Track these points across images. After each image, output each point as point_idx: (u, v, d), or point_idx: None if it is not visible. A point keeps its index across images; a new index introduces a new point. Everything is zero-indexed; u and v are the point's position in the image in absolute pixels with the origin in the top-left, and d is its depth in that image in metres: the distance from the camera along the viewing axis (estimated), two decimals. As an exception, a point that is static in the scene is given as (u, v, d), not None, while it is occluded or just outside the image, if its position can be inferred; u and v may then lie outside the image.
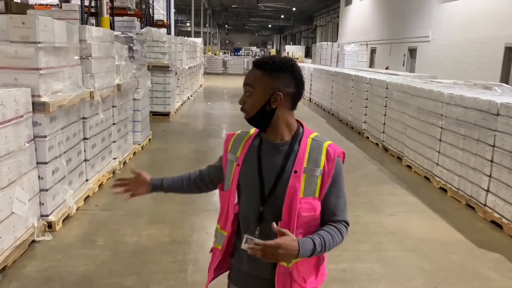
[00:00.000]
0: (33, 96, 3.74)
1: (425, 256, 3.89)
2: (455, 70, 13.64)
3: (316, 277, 1.62)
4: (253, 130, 1.68)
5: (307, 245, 1.46)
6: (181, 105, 12.84)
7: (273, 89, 1.52)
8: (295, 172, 1.52)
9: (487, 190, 4.76)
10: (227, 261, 1.74)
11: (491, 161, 4.71)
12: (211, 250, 1.77)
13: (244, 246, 1.50)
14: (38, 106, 3.78)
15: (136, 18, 12.73)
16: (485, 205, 4.78)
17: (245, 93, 1.57)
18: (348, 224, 1.62)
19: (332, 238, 1.53)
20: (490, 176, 4.73)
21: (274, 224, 1.44)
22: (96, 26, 9.26)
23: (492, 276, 3.57)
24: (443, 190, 5.69)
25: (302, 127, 1.63)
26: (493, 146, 4.68)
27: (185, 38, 15.53)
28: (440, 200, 5.42)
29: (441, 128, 5.80)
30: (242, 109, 1.59)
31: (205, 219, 4.48)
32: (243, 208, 1.63)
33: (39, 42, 3.72)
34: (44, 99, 3.80)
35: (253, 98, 1.55)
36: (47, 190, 3.97)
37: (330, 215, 1.58)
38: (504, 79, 11.66)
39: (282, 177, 1.54)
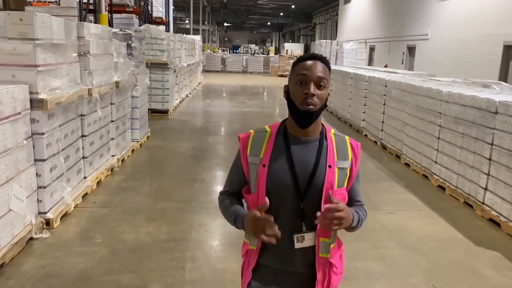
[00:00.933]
0: (31, 93, 3.73)
1: (423, 253, 3.89)
2: (453, 68, 13.65)
3: (341, 264, 1.74)
4: (268, 128, 1.66)
5: (355, 215, 1.60)
6: (180, 102, 12.82)
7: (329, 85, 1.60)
8: (329, 166, 1.58)
9: (485, 188, 4.77)
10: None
11: (489, 159, 4.71)
12: (245, 254, 1.73)
13: (297, 245, 1.57)
14: (36, 103, 3.77)
15: (134, 15, 12.69)
16: (483, 203, 4.79)
17: (317, 85, 1.54)
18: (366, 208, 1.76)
19: (364, 214, 1.69)
20: (488, 174, 4.73)
21: (331, 193, 1.51)
22: (94, 23, 9.23)
23: (489, 274, 3.58)
24: (442, 188, 5.69)
25: (322, 124, 1.67)
26: (492, 144, 4.68)
27: (184, 35, 15.51)
28: (438, 198, 5.42)
29: (440, 126, 5.80)
30: (309, 101, 1.52)
31: (204, 217, 4.48)
32: (275, 208, 1.56)
33: (37, 39, 3.71)
34: (42, 96, 3.79)
35: (325, 90, 1.56)
36: (45, 187, 3.97)
37: (354, 201, 1.71)
38: (503, 77, 11.67)
39: (317, 172, 1.57)
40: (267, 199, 1.49)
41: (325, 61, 1.59)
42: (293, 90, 1.57)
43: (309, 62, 1.56)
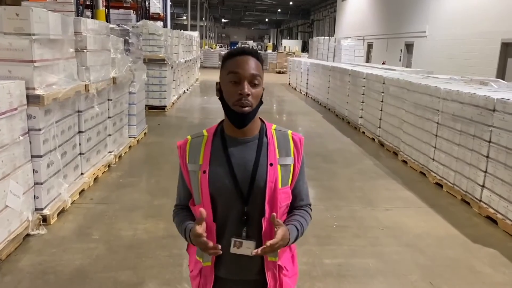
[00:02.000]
0: (27, 88, 3.71)
1: (420, 251, 3.90)
2: (451, 66, 13.65)
3: (293, 265, 1.67)
4: (205, 132, 1.58)
5: (293, 232, 1.52)
6: (177, 99, 12.80)
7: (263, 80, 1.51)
8: (271, 164, 1.50)
9: (483, 186, 4.78)
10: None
11: (487, 156, 4.71)
12: (198, 274, 1.63)
13: (233, 250, 1.47)
14: (32, 99, 3.75)
15: (132, 11, 12.66)
16: (480, 200, 4.80)
17: (250, 83, 1.45)
18: (311, 207, 1.68)
19: (306, 222, 1.61)
20: (485, 171, 4.74)
21: (275, 215, 1.44)
22: (91, 18, 9.17)
23: (486, 271, 3.58)
24: (439, 185, 5.70)
25: (262, 119, 1.60)
26: (489, 141, 4.69)
27: (182, 31, 15.44)
28: (436, 195, 5.43)
29: (437, 123, 5.80)
30: (244, 102, 1.43)
31: (201, 213, 4.46)
32: (223, 214, 1.53)
33: (34, 34, 3.68)
34: (38, 91, 3.77)
35: (259, 88, 1.48)
36: (41, 183, 3.95)
37: (298, 201, 1.63)
38: (500, 74, 11.68)
39: (258, 172, 1.50)
40: (202, 210, 1.42)
41: (257, 56, 1.49)
42: (226, 90, 1.48)
43: (240, 58, 1.46)
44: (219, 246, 1.41)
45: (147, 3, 15.10)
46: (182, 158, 1.57)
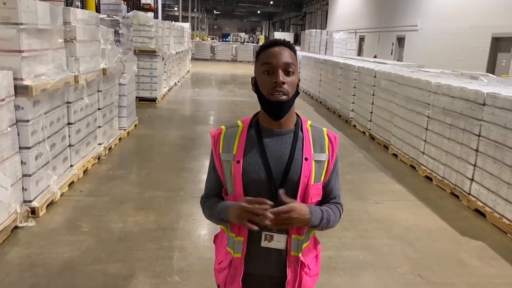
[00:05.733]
0: (15, 79, 3.65)
1: (409, 243, 3.93)
2: (442, 59, 13.72)
3: (316, 265, 1.65)
4: (241, 123, 1.58)
5: (317, 213, 1.50)
6: (168, 90, 12.71)
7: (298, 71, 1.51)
8: (306, 159, 1.50)
9: (472, 179, 4.82)
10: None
11: (476, 150, 4.75)
12: (227, 266, 1.59)
13: (264, 243, 1.48)
14: (20, 90, 3.69)
15: (122, 1, 12.48)
16: (469, 193, 4.84)
17: (285, 71, 1.44)
18: (343, 208, 1.66)
19: (334, 215, 1.58)
20: (475, 165, 4.78)
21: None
22: (81, 8, 9.05)
23: (474, 264, 3.63)
24: (429, 178, 5.74)
25: (297, 114, 1.59)
26: (479, 135, 4.72)
27: (173, 22, 15.31)
28: (425, 188, 5.47)
29: (428, 117, 5.83)
30: (279, 90, 1.43)
31: (192, 206, 4.46)
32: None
33: (21, 24, 3.62)
34: (26, 82, 3.71)
35: (294, 77, 1.46)
36: (30, 175, 3.90)
37: (330, 198, 1.61)
38: (490, 69, 11.77)
39: (292, 165, 1.49)
40: (247, 198, 1.42)
41: (290, 46, 1.50)
42: (260, 81, 1.48)
43: (273, 49, 1.47)
44: (270, 203, 1.39)
45: (138, -6, 14.93)
46: (215, 148, 1.56)
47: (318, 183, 1.53)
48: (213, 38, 44.38)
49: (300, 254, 1.55)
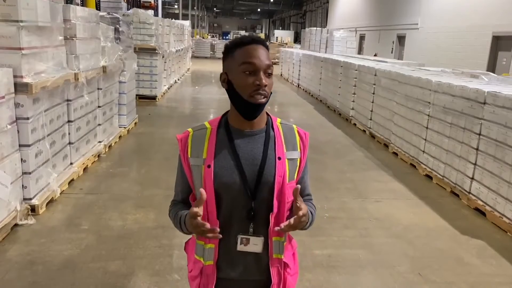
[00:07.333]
0: (15, 76, 3.64)
1: (409, 242, 3.93)
2: (443, 58, 13.72)
3: (295, 263, 1.62)
4: (208, 124, 1.51)
5: (309, 212, 1.49)
6: (168, 88, 12.70)
7: None
8: (279, 158, 1.45)
9: (472, 178, 4.81)
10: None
11: (477, 149, 4.75)
12: (198, 275, 1.53)
13: (240, 247, 1.44)
14: (20, 87, 3.68)
15: (122, -1, 12.46)
16: (469, 192, 4.84)
17: (265, 73, 1.39)
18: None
19: (314, 210, 1.60)
20: (475, 164, 4.78)
21: (299, 187, 1.38)
22: (81, 5, 9.04)
23: (474, 262, 3.62)
24: (429, 177, 5.74)
25: (267, 112, 1.55)
26: (479, 134, 4.72)
27: (173, 20, 15.29)
28: (426, 187, 5.47)
29: (428, 115, 5.82)
30: (261, 92, 1.39)
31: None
32: (224, 211, 1.46)
33: (21, 21, 3.61)
34: (26, 80, 3.70)
35: (271, 78, 1.43)
36: (30, 173, 3.90)
37: (303, 194, 1.59)
38: (491, 67, 11.76)
39: (266, 166, 1.44)
40: (202, 190, 1.32)
41: (265, 45, 1.44)
42: (239, 81, 1.39)
43: (252, 48, 1.39)
44: (218, 229, 1.33)
45: (138, -9, 14.91)
46: (183, 152, 1.48)
47: (292, 181, 1.49)
48: (213, 36, 44.30)
49: (282, 256, 1.52)
